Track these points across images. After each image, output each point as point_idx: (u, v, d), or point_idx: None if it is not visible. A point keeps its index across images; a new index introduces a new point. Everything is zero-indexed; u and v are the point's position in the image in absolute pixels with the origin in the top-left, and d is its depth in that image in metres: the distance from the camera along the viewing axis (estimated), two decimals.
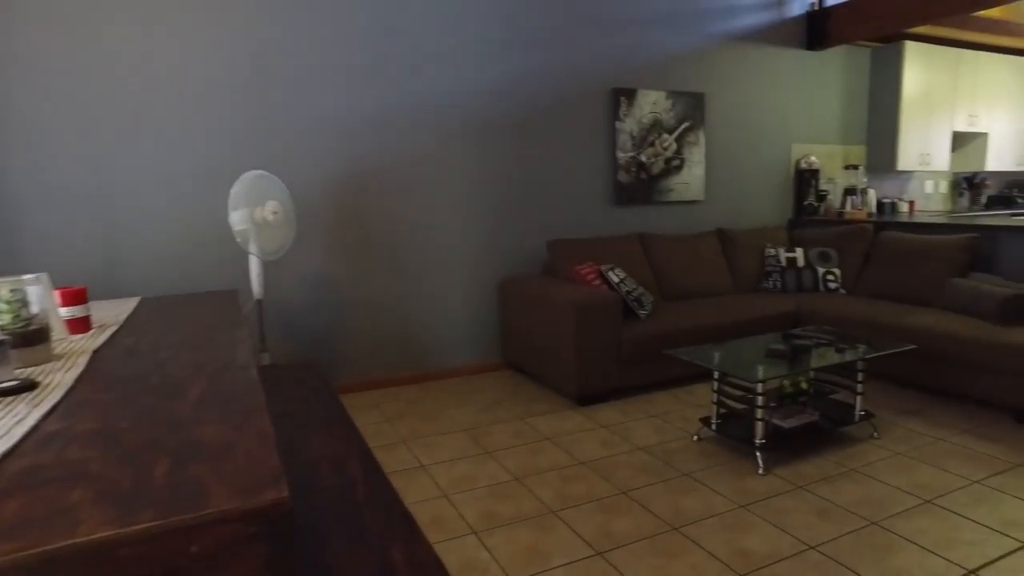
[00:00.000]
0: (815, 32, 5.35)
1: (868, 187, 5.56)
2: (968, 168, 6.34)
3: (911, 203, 6.03)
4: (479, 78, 4.17)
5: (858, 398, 3.19)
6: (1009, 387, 3.34)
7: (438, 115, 4.08)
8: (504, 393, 4.00)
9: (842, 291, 4.67)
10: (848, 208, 5.42)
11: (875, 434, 3.21)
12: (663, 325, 3.86)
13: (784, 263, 4.78)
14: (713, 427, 3.13)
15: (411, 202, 4.08)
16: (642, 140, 4.77)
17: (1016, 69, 6.29)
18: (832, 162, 5.68)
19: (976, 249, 4.12)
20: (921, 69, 5.58)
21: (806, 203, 5.48)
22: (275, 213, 3.16)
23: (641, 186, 4.82)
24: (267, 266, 3.64)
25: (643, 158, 4.79)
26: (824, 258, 4.74)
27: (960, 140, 6.30)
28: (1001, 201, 6.66)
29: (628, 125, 4.69)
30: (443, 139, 4.12)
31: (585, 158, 4.61)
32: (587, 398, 3.74)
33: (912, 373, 3.76)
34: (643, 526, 2.42)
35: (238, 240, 3.19)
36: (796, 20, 5.36)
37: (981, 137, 6.22)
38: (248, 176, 3.17)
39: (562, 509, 2.56)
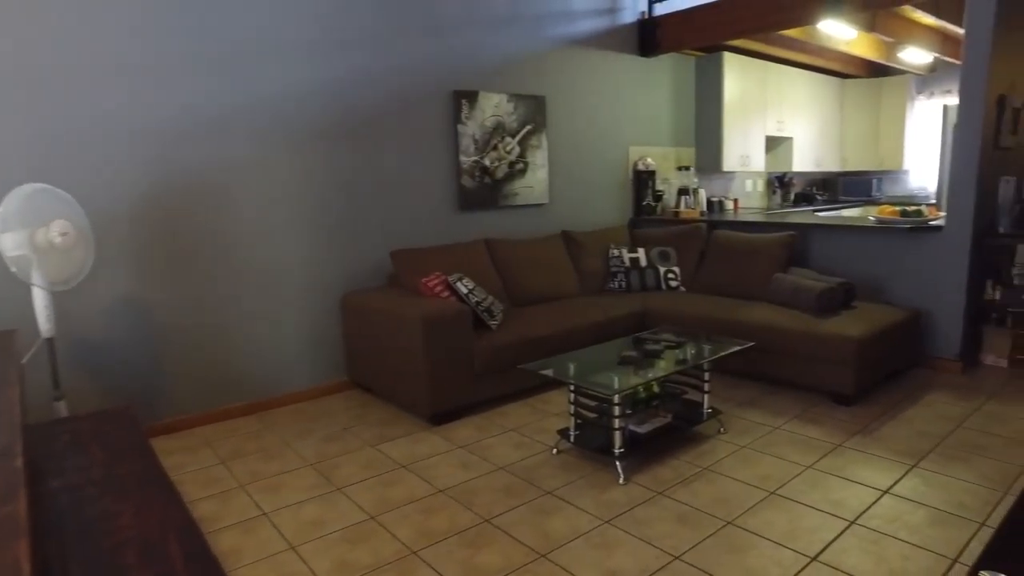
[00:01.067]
0: (646, 40, 5.57)
1: (699, 187, 5.90)
2: (779, 168, 6.96)
3: (735, 201, 6.49)
4: (311, 78, 3.83)
5: (705, 396, 3.31)
6: (826, 373, 3.64)
7: (264, 118, 3.70)
8: (353, 417, 3.72)
9: (682, 289, 4.89)
10: (683, 208, 5.72)
11: (721, 429, 3.34)
12: (515, 335, 3.79)
13: (628, 263, 4.91)
14: (571, 439, 3.09)
15: (236, 215, 3.67)
16: (485, 144, 4.68)
17: (811, 83, 6.99)
18: (666, 163, 5.96)
19: (794, 246, 4.48)
20: (738, 78, 6.01)
21: (644, 203, 5.70)
22: (64, 234, 2.65)
23: (486, 191, 4.72)
24: (59, 298, 3.07)
25: (487, 162, 4.70)
26: (664, 257, 4.94)
27: (772, 143, 6.90)
28: (805, 198, 7.39)
29: (470, 128, 4.57)
30: (271, 144, 3.74)
31: (428, 163, 4.42)
32: (441, 416, 3.57)
33: (747, 365, 4.00)
34: (511, 557, 2.30)
35: (13, 269, 2.64)
36: (629, 27, 5.54)
37: (788, 141, 6.85)
38: (21, 191, 2.63)
39: (424, 548, 2.37)
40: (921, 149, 7.47)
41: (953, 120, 5.93)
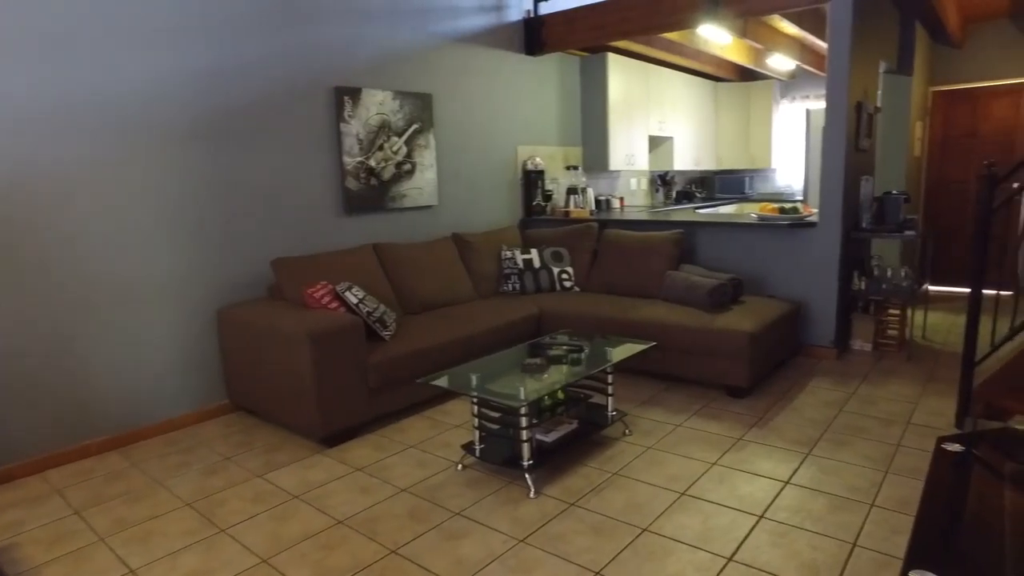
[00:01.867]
0: (532, 39, 5.52)
1: (587, 186, 5.94)
2: (661, 167, 7.17)
3: (621, 199, 6.61)
4: (173, 69, 3.43)
5: (609, 399, 3.27)
6: (722, 367, 3.73)
7: (114, 113, 3.26)
8: (236, 444, 3.38)
9: (576, 289, 4.87)
10: (572, 207, 5.73)
11: (627, 431, 3.32)
12: (410, 345, 3.59)
13: (521, 265, 4.83)
14: (476, 453, 2.95)
15: (87, 224, 3.20)
16: (370, 143, 4.43)
17: (688, 85, 7.27)
18: (554, 163, 5.95)
19: (683, 243, 4.58)
20: (622, 79, 6.12)
21: (535, 203, 5.66)
22: None
23: (372, 193, 4.48)
24: None
25: (372, 163, 4.45)
26: (557, 258, 4.91)
27: (654, 143, 7.09)
28: (686, 196, 7.68)
29: (354, 127, 4.31)
30: (126, 144, 3.31)
31: (310, 164, 4.12)
32: (335, 437, 3.31)
33: (645, 363, 4.03)
34: None
35: None
36: (514, 26, 5.47)
37: (669, 140, 7.08)
38: None
39: None
40: (786, 149, 7.98)
41: (815, 123, 6.35)
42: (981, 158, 6.68)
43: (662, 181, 7.36)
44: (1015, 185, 3.20)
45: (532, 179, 5.62)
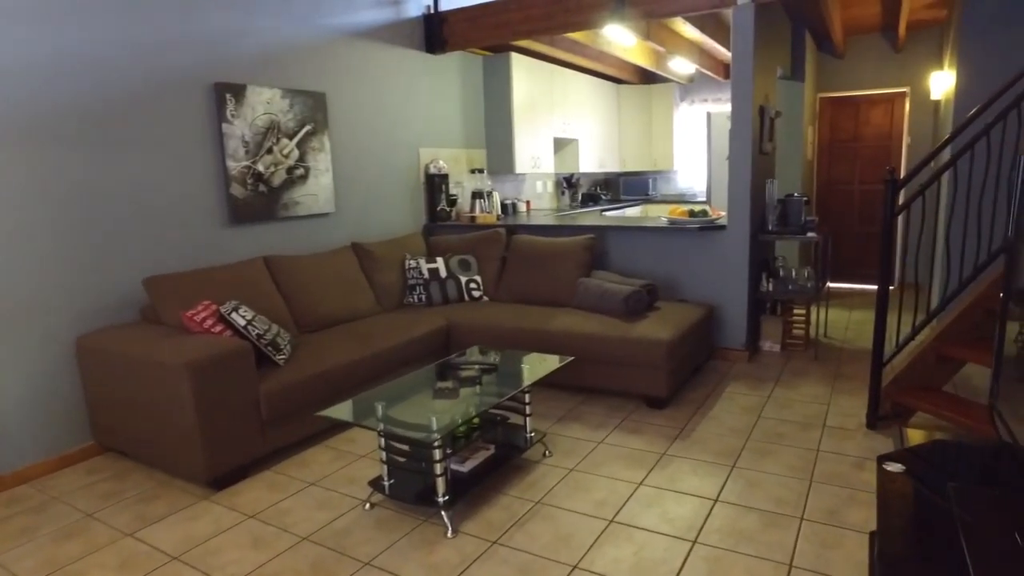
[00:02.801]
0: (433, 36, 5.24)
1: (493, 190, 5.73)
2: (566, 169, 7.08)
3: (527, 203, 6.46)
4: (20, 55, 2.90)
5: (527, 420, 3.07)
6: (640, 377, 3.62)
7: None
8: (102, 496, 2.90)
9: (485, 298, 4.65)
10: (478, 212, 5.50)
11: (547, 452, 3.13)
12: (308, 369, 3.24)
13: (427, 275, 4.56)
14: (385, 489, 2.66)
15: None
16: (258, 146, 4.01)
17: (591, 86, 7.22)
18: (458, 166, 5.70)
19: (595, 248, 4.45)
20: (526, 80, 5.95)
21: (439, 208, 5.39)
22: None
23: (262, 200, 4.06)
24: None
25: (260, 167, 4.04)
26: (464, 266, 4.66)
27: (559, 144, 6.99)
28: (591, 198, 7.64)
29: (239, 128, 3.89)
30: None
31: (188, 169, 3.66)
32: (223, 479, 2.91)
33: (561, 376, 3.86)
34: None
35: None
36: (414, 22, 5.17)
37: (574, 142, 6.99)
38: None
39: None
40: (687, 151, 8.11)
41: (717, 126, 6.45)
42: (864, 161, 7.03)
43: (568, 184, 7.27)
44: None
45: (436, 183, 5.34)
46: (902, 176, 5.76)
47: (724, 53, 6.85)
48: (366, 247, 4.53)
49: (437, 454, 2.47)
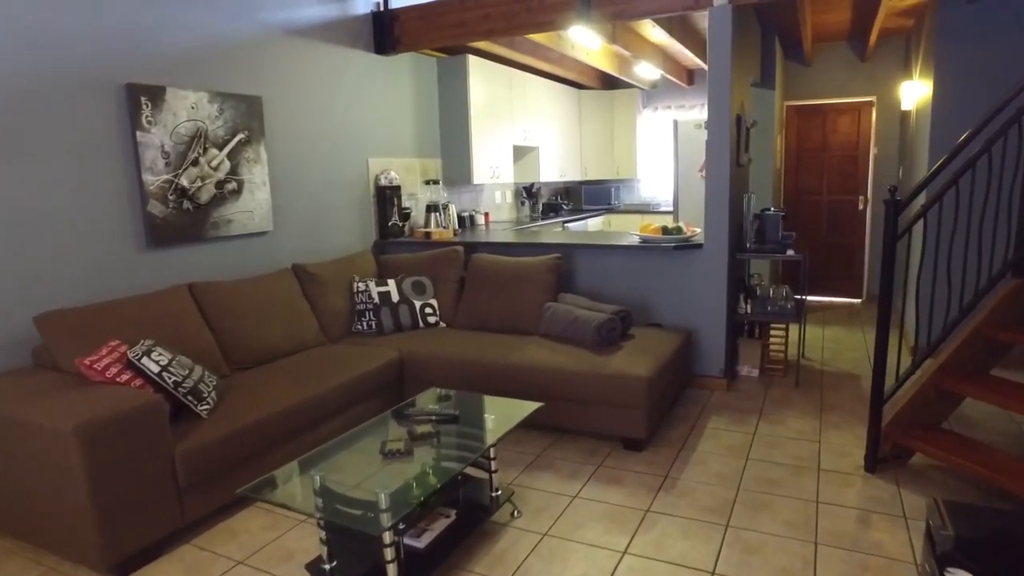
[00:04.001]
0: (383, 35, 4.80)
1: (449, 202, 5.31)
2: (527, 179, 6.71)
3: (486, 215, 6.06)
4: None
5: (493, 477, 2.67)
6: (614, 417, 3.26)
7: None
8: None
9: (442, 324, 4.23)
10: (433, 227, 5.07)
11: (516, 512, 2.73)
12: (236, 420, 2.76)
13: (377, 299, 4.11)
14: (327, 572, 2.22)
15: None
16: (181, 158, 3.52)
17: (553, 92, 6.87)
18: (412, 177, 5.27)
19: (562, 268, 4.09)
20: (484, 84, 5.55)
21: (391, 223, 4.94)
22: None
23: (187, 219, 3.56)
24: None
25: (184, 182, 3.54)
26: (419, 289, 4.24)
27: (519, 152, 6.61)
28: (552, 208, 7.28)
29: (157, 137, 3.38)
30: None
31: (96, 183, 3.14)
32: (129, 562, 2.42)
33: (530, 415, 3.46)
34: None
35: None
36: (362, 19, 4.72)
37: (534, 151, 6.63)
38: None
39: None
40: (650, 159, 7.84)
41: (684, 134, 6.17)
42: (831, 171, 6.87)
43: (528, 193, 6.90)
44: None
45: (387, 196, 4.90)
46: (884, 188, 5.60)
47: (689, 58, 6.59)
48: (309, 269, 4.06)
49: (387, 537, 2.05)
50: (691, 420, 3.66)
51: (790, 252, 4.11)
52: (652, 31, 5.51)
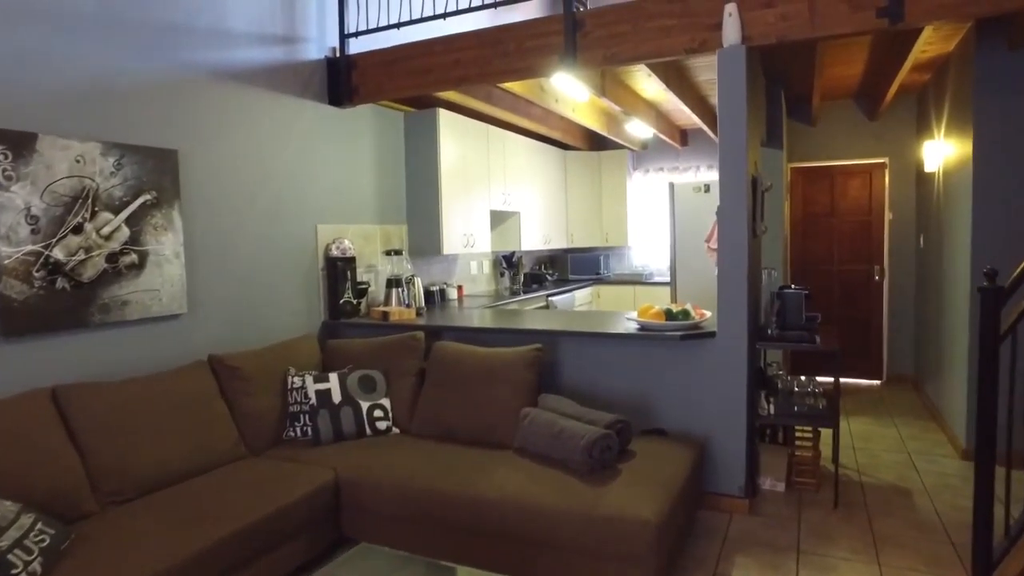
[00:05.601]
0: (339, 84, 4.13)
1: (414, 275, 4.56)
2: (506, 247, 6.01)
3: (460, 288, 5.32)
4: None
5: None
6: (610, 573, 2.42)
7: None
8: None
9: (395, 430, 3.41)
10: (394, 305, 4.30)
11: None
12: None
13: (315, 399, 3.30)
14: None
15: None
16: (57, 223, 2.75)
17: (535, 152, 6.25)
18: (371, 246, 4.53)
19: (542, 361, 3.31)
20: (456, 141, 4.89)
21: (343, 301, 4.17)
22: None
23: (61, 301, 2.77)
24: None
25: (59, 254, 2.76)
26: (367, 386, 3.43)
27: (497, 218, 5.93)
28: (535, 279, 6.55)
29: (19, 197, 2.63)
30: None
31: None
32: None
33: (505, 565, 2.61)
34: None
35: None
36: (314, 65, 4.06)
37: (515, 216, 5.95)
38: None
39: None
40: (641, 225, 7.20)
41: (682, 198, 5.53)
42: (842, 238, 6.24)
43: (508, 263, 6.18)
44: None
45: (339, 269, 4.14)
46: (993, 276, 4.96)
47: (685, 117, 6.04)
48: (228, 362, 3.25)
49: None
50: (709, 565, 2.82)
51: (818, 340, 3.37)
52: (645, 85, 4.93)
